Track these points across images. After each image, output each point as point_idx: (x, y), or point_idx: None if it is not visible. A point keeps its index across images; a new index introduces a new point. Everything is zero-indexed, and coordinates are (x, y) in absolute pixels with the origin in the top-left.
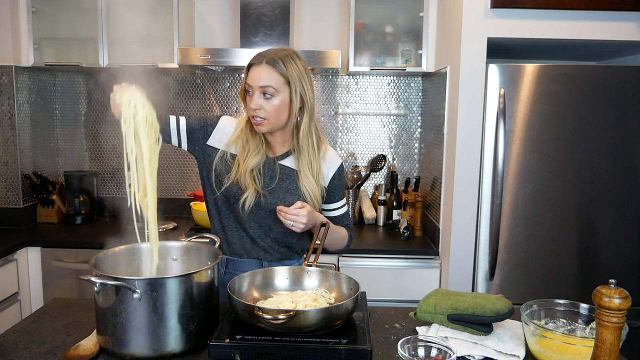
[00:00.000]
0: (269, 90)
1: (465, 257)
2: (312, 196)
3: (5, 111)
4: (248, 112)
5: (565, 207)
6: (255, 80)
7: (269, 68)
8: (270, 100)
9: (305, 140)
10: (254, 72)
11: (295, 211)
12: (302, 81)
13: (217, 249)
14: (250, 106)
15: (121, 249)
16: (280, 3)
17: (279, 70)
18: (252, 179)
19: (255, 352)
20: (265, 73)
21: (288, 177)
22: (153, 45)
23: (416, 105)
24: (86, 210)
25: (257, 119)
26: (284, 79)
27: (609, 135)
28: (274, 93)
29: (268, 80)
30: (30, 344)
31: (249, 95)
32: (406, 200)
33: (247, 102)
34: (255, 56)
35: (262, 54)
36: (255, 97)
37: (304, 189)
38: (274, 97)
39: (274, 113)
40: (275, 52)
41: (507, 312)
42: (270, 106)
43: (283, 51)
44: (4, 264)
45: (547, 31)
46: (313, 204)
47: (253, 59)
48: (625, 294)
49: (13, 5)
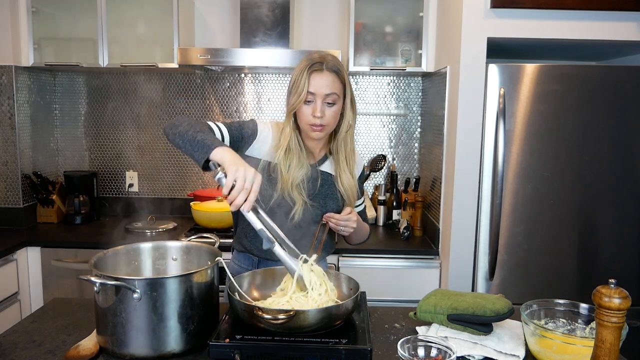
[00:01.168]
0: (332, 97)
1: (465, 257)
2: (350, 195)
3: (5, 111)
4: (304, 119)
5: (565, 207)
6: (321, 88)
7: (332, 75)
8: (332, 107)
9: (349, 145)
10: (317, 80)
11: (346, 217)
12: (351, 86)
13: (216, 249)
14: (315, 114)
15: (121, 249)
16: (280, 3)
17: (340, 76)
18: (299, 192)
19: (255, 352)
20: (330, 80)
21: (326, 182)
22: (153, 45)
23: (416, 105)
24: (86, 210)
25: (317, 126)
26: (343, 85)
27: (609, 135)
28: (335, 100)
29: (333, 87)
30: (30, 344)
31: (307, 103)
32: (406, 200)
33: (301, 111)
34: (310, 63)
35: (315, 60)
36: (319, 105)
37: (343, 187)
38: (335, 104)
39: (333, 120)
40: (328, 57)
41: (507, 312)
42: (331, 112)
43: (333, 56)
44: (4, 264)
45: (547, 31)
46: (350, 201)
47: (310, 66)
48: (625, 294)
49: (13, 5)
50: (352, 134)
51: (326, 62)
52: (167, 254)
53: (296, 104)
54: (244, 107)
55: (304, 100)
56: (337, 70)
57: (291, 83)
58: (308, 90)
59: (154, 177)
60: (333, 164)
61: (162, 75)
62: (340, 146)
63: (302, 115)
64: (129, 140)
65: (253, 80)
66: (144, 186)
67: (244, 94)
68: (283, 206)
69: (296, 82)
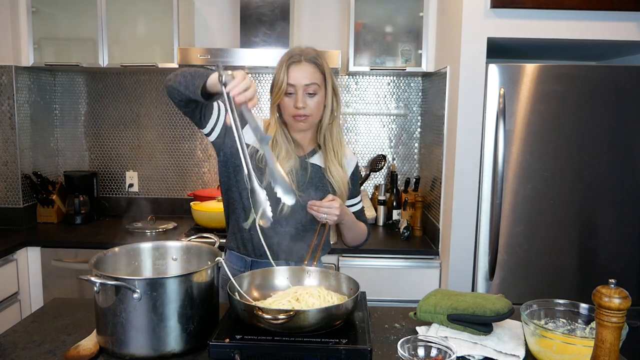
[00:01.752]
0: (313, 87)
1: (465, 257)
2: (341, 186)
3: (5, 111)
4: (287, 112)
5: (565, 207)
6: (300, 79)
7: (310, 65)
8: (313, 98)
9: (335, 136)
10: (295, 72)
11: (328, 203)
12: (333, 76)
13: (216, 249)
14: (297, 105)
15: (121, 249)
16: (280, 3)
17: (319, 67)
18: None
19: (255, 352)
20: (309, 71)
21: (317, 175)
22: (153, 45)
23: (416, 105)
24: (86, 210)
25: (301, 117)
26: (322, 75)
27: (609, 135)
28: (316, 90)
29: (312, 77)
30: (30, 344)
31: (288, 96)
32: (406, 200)
33: (284, 103)
34: (289, 57)
35: (294, 52)
36: (301, 96)
37: (333, 180)
38: (317, 94)
39: (316, 110)
40: (307, 50)
41: (507, 312)
42: (314, 103)
43: (312, 49)
44: (4, 264)
45: (547, 31)
46: (342, 193)
47: (289, 59)
48: (625, 294)
49: (13, 5)
50: (338, 125)
51: (304, 54)
52: (167, 254)
53: (277, 97)
54: None
55: (285, 92)
56: (315, 61)
57: (273, 78)
58: (288, 82)
59: (154, 177)
60: (322, 157)
61: (162, 75)
62: (326, 137)
63: (285, 108)
64: (129, 140)
65: (253, 80)
66: (144, 186)
67: None
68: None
69: (276, 76)
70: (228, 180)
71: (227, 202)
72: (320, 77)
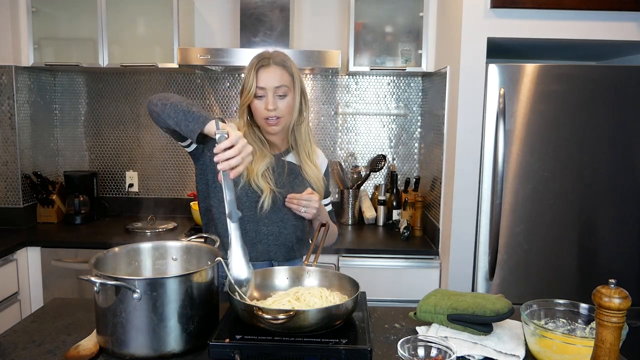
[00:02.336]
0: (283, 89)
1: (465, 257)
2: (317, 184)
3: (5, 111)
4: (258, 114)
5: (565, 207)
6: (270, 81)
7: (279, 68)
8: (284, 100)
9: (304, 136)
10: (265, 75)
11: (307, 196)
12: (301, 78)
13: (216, 249)
14: (268, 107)
15: (121, 249)
16: (280, 3)
17: (287, 69)
18: (265, 180)
19: (255, 352)
20: (277, 74)
21: (293, 172)
22: (153, 45)
23: (416, 105)
24: (86, 210)
25: (272, 119)
26: (291, 77)
27: (608, 135)
28: (286, 92)
29: (281, 80)
30: (30, 344)
31: (258, 98)
32: (406, 200)
33: (254, 106)
34: (258, 60)
35: (263, 56)
36: (271, 98)
37: (309, 177)
38: (287, 96)
39: (287, 111)
40: (275, 53)
41: (507, 312)
42: (284, 104)
43: (281, 52)
44: (4, 264)
45: (547, 31)
46: (318, 190)
47: (258, 62)
48: (625, 294)
49: (13, 5)
50: (307, 125)
51: (273, 57)
52: (167, 254)
53: (246, 99)
54: None
55: (254, 95)
56: (284, 64)
57: (243, 81)
58: (257, 85)
59: (154, 177)
60: (295, 156)
61: (162, 75)
62: (297, 138)
63: (256, 110)
64: (129, 140)
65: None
66: (144, 186)
67: None
68: (251, 195)
69: (246, 79)
70: (206, 187)
71: (205, 209)
72: (289, 79)
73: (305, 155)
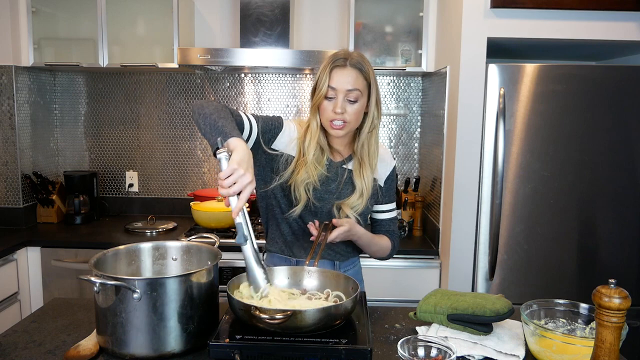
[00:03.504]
0: (355, 94)
1: (465, 257)
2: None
3: (5, 111)
4: (325, 115)
5: (565, 207)
6: (343, 84)
7: (355, 71)
8: (354, 105)
9: (371, 146)
10: (339, 76)
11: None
12: (377, 85)
13: (216, 249)
14: (336, 110)
15: (121, 249)
16: (280, 3)
17: (364, 73)
18: (305, 190)
19: (255, 352)
20: (352, 77)
21: (350, 180)
22: (153, 45)
23: (416, 105)
24: (86, 210)
25: (338, 122)
26: (367, 82)
27: (608, 135)
28: (358, 97)
29: (355, 83)
30: (30, 344)
31: (328, 99)
32: (406, 200)
33: (323, 107)
34: (333, 59)
35: (339, 56)
36: (340, 101)
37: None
38: (358, 102)
39: (355, 117)
40: (353, 54)
41: (507, 312)
42: (353, 109)
43: (359, 54)
44: (4, 264)
45: (547, 31)
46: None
47: (333, 62)
48: (625, 294)
49: (13, 5)
50: (377, 135)
51: (350, 58)
52: (167, 254)
53: (317, 99)
54: (244, 107)
55: (325, 95)
56: (360, 67)
57: (315, 79)
58: (329, 85)
59: (154, 177)
60: (357, 165)
61: (162, 75)
62: (363, 147)
63: (323, 111)
64: (129, 140)
65: (253, 80)
66: (144, 186)
67: (244, 94)
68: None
69: (319, 78)
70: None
71: (266, 207)
72: (364, 84)
73: (366, 163)
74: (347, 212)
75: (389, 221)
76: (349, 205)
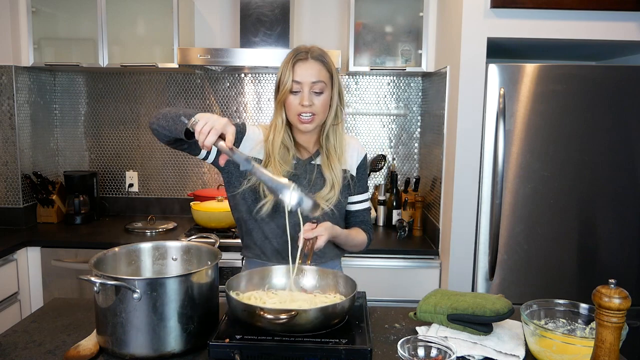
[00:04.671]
0: (319, 85)
1: (465, 257)
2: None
3: (5, 111)
4: (292, 110)
5: (565, 207)
6: (307, 76)
7: (317, 63)
8: (320, 96)
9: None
10: (302, 69)
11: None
12: (339, 76)
13: (216, 249)
14: (303, 103)
15: (121, 249)
16: (280, 3)
17: (325, 65)
18: None
19: (255, 352)
20: (316, 69)
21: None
22: (153, 45)
23: (416, 105)
24: (86, 210)
25: (306, 116)
26: (329, 74)
27: (608, 135)
28: (323, 88)
29: (319, 75)
30: (30, 344)
31: (293, 94)
32: (406, 200)
33: (288, 102)
34: (294, 54)
35: (300, 50)
36: (307, 93)
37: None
38: (323, 93)
39: (322, 109)
40: (313, 48)
41: (507, 312)
42: (319, 101)
43: (319, 48)
44: (4, 264)
45: (547, 31)
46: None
47: (295, 56)
48: (625, 294)
49: (13, 5)
50: (342, 127)
51: (311, 51)
52: (167, 254)
53: (282, 95)
54: (244, 107)
55: (290, 89)
56: (322, 59)
57: (278, 76)
58: (293, 80)
59: (154, 177)
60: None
61: (162, 75)
62: (329, 139)
63: (290, 106)
64: (129, 140)
65: (253, 80)
66: (144, 186)
67: (244, 94)
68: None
69: (282, 73)
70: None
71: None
72: (327, 76)
73: (334, 156)
74: (322, 205)
75: (363, 212)
76: (322, 198)
